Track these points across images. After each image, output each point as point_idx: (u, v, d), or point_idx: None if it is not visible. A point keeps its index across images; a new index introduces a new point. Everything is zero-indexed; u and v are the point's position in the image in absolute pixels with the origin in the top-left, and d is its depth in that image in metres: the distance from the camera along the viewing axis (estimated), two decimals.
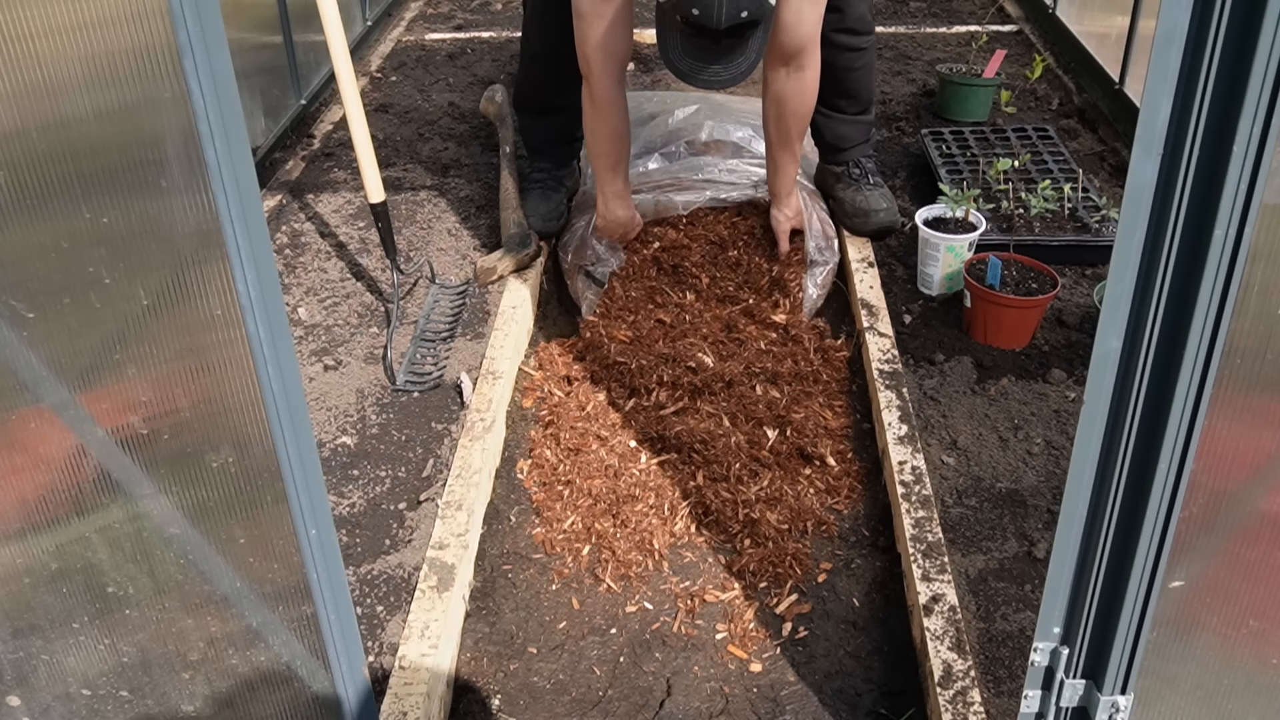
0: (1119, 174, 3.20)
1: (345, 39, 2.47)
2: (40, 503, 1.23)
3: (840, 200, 2.93)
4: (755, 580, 1.98)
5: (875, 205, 2.86)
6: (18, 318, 1.10)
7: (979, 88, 3.52)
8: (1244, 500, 1.16)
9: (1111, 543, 1.18)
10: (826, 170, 3.00)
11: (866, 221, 2.86)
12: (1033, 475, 2.13)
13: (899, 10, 4.66)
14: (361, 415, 2.33)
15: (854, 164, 2.92)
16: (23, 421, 1.17)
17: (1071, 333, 2.54)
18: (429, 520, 2.04)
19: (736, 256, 2.78)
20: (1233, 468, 1.12)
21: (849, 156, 2.93)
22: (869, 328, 2.54)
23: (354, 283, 2.79)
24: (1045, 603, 1.25)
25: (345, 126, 3.46)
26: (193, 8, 0.98)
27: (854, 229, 2.89)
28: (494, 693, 1.82)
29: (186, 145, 1.03)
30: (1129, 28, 3.37)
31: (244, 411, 1.20)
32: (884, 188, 2.94)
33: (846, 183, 2.93)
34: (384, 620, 1.85)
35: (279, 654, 1.42)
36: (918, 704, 1.77)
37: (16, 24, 0.97)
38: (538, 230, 2.88)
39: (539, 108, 2.98)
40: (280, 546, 1.31)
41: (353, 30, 4.21)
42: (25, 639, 1.32)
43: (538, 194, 2.97)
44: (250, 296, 1.13)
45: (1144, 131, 0.99)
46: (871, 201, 2.86)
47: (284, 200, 3.18)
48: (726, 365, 2.43)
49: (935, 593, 1.85)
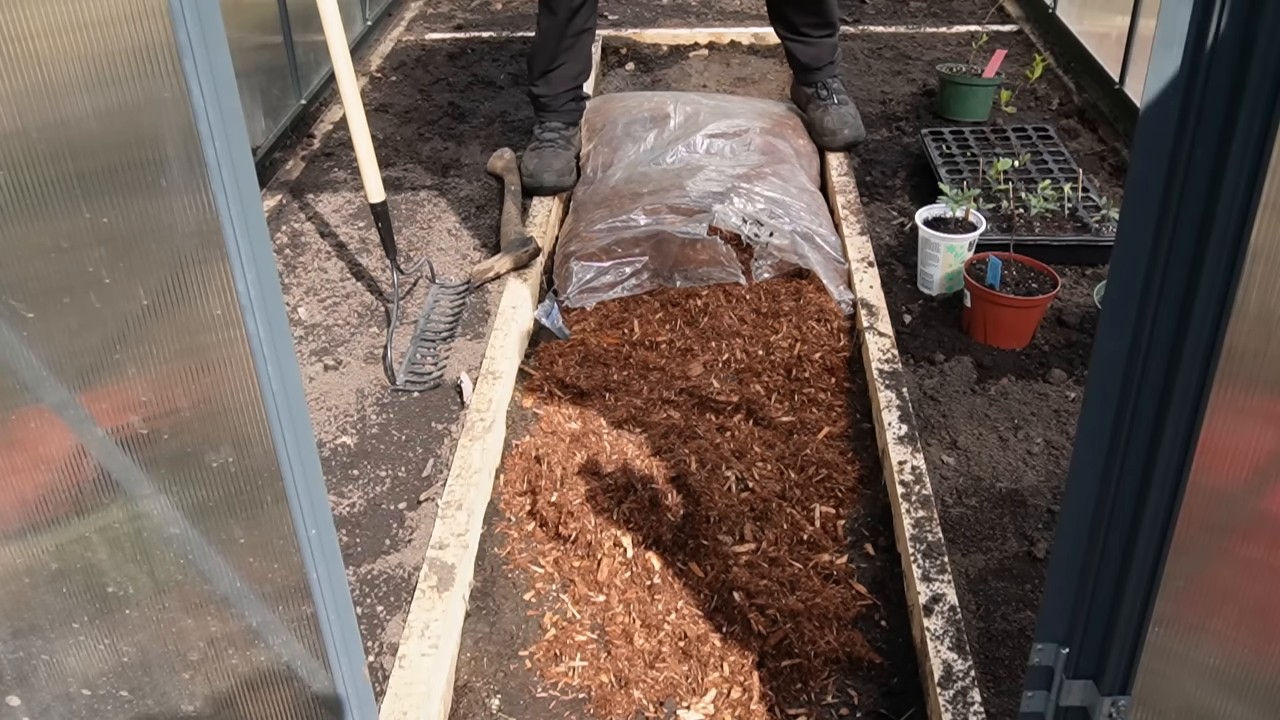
0: (1119, 174, 3.20)
1: (345, 39, 2.47)
2: (40, 503, 1.23)
3: (813, 121, 3.40)
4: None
5: (841, 123, 3.35)
6: (18, 318, 1.10)
7: (979, 88, 3.52)
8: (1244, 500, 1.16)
9: (1112, 542, 1.18)
10: (800, 90, 3.49)
11: (835, 138, 3.34)
12: (1033, 475, 2.13)
13: (899, 10, 4.66)
14: (361, 415, 2.33)
15: (822, 85, 3.38)
16: (23, 421, 1.17)
17: (1071, 333, 2.54)
18: (429, 520, 2.04)
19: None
20: (1233, 468, 1.12)
21: (819, 77, 3.38)
22: (869, 327, 2.54)
23: (354, 283, 2.79)
24: (1045, 602, 1.25)
25: (345, 126, 3.46)
26: (193, 8, 0.98)
27: (825, 145, 3.38)
28: (494, 692, 1.82)
29: (186, 145, 1.03)
30: (1129, 28, 3.37)
31: (244, 411, 1.20)
32: (850, 105, 3.41)
33: (817, 103, 3.39)
34: (384, 620, 1.85)
35: (279, 654, 1.42)
36: (918, 704, 1.77)
37: (16, 24, 0.97)
38: (551, 185, 3.16)
39: (549, 61, 3.17)
40: (280, 546, 1.31)
41: (353, 30, 4.21)
42: (25, 639, 1.32)
43: (549, 151, 3.21)
44: (250, 296, 1.13)
45: (1144, 130, 0.99)
46: (838, 119, 3.35)
47: (284, 200, 3.18)
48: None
49: (935, 593, 1.85)
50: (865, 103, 3.78)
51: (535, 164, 3.17)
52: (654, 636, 1.88)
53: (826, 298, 2.69)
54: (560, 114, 3.25)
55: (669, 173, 3.01)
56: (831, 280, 2.72)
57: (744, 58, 4.29)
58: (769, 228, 2.78)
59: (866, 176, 3.27)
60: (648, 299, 2.74)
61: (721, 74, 4.15)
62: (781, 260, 2.77)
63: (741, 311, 2.67)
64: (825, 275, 2.72)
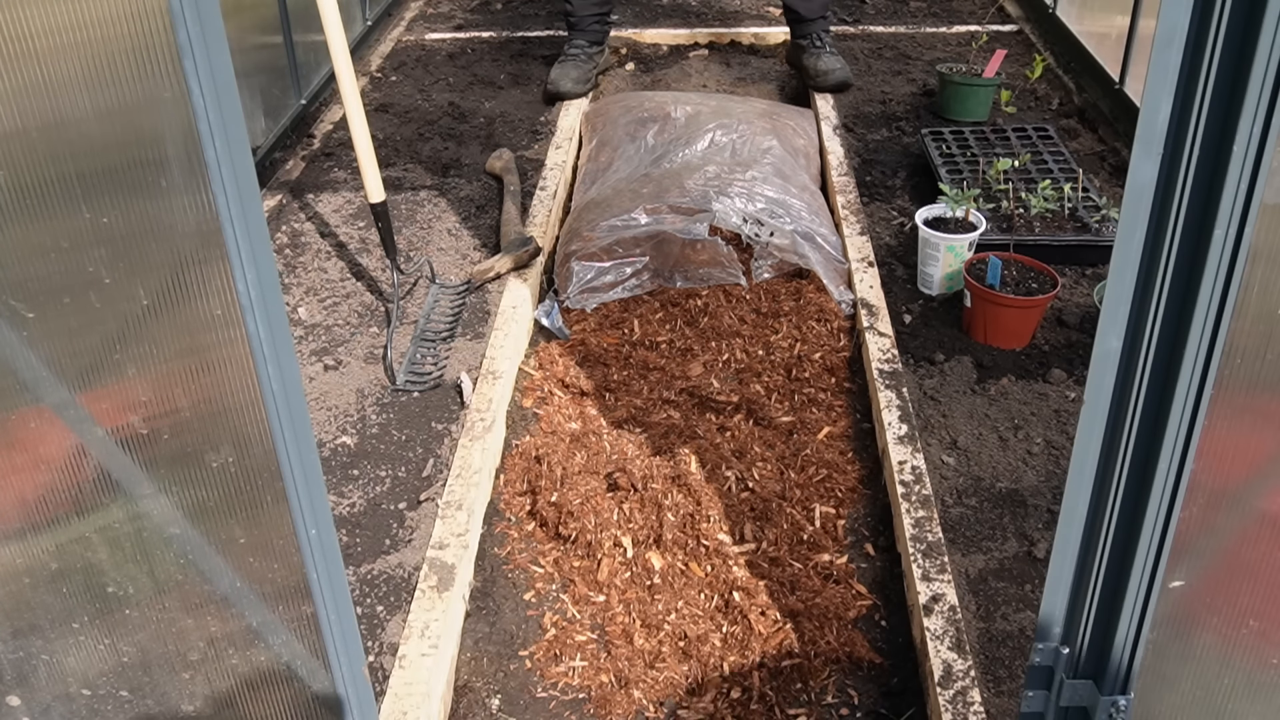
0: (1119, 174, 3.20)
1: (345, 39, 2.47)
2: (40, 503, 1.23)
3: (805, 67, 3.80)
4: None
5: (832, 66, 3.75)
6: (18, 318, 1.10)
7: (979, 88, 3.52)
8: (1244, 500, 1.16)
9: (1112, 542, 1.18)
10: (795, 46, 3.89)
11: (827, 79, 3.73)
12: (1033, 475, 2.13)
13: (899, 10, 4.66)
14: (361, 415, 2.33)
15: (816, 36, 3.80)
16: (23, 421, 1.17)
17: (1071, 333, 2.54)
18: (429, 520, 2.04)
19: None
20: (1233, 468, 1.12)
21: (813, 29, 3.79)
22: (869, 327, 2.54)
23: (354, 282, 2.79)
24: (1045, 603, 1.25)
25: (345, 126, 3.46)
26: (193, 8, 0.98)
27: (816, 87, 3.76)
28: (494, 692, 1.82)
29: (186, 145, 1.03)
30: (1129, 28, 3.37)
31: (244, 411, 1.20)
32: (839, 55, 3.81)
33: (811, 52, 3.80)
34: (384, 620, 1.85)
35: (279, 654, 1.41)
36: (918, 704, 1.77)
37: (16, 23, 0.97)
38: (567, 91, 3.66)
39: None
40: (280, 546, 1.31)
41: (353, 30, 4.21)
42: (25, 639, 1.32)
43: (571, 64, 3.74)
44: (250, 296, 1.12)
45: (1144, 131, 0.99)
46: (829, 64, 3.75)
47: (284, 200, 3.18)
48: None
49: (935, 593, 1.85)
50: (865, 103, 3.78)
51: (556, 73, 3.72)
52: (654, 636, 1.88)
53: (826, 298, 2.69)
54: (585, 32, 3.80)
55: (669, 173, 3.01)
56: (832, 280, 2.72)
57: (744, 58, 4.29)
58: (769, 227, 2.78)
59: (866, 176, 3.27)
60: (648, 299, 2.74)
61: (721, 74, 4.15)
62: (782, 260, 2.77)
63: (741, 311, 2.67)
64: (825, 275, 2.72)
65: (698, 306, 2.69)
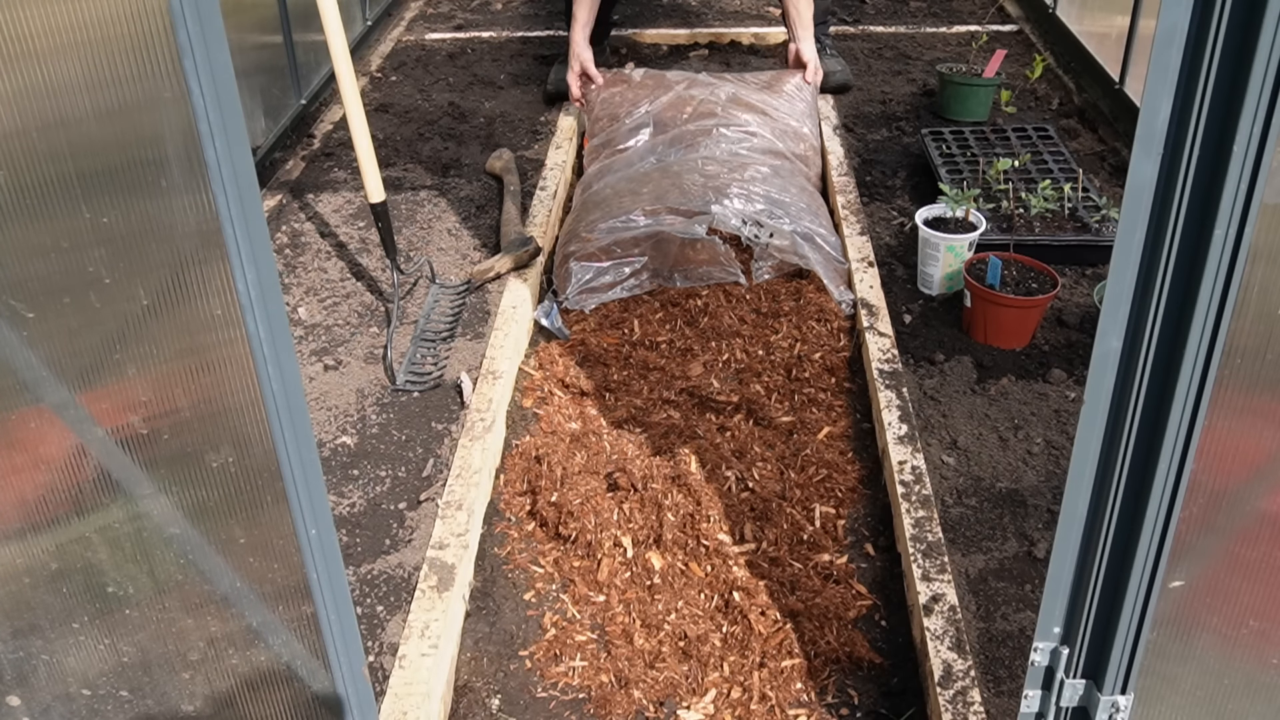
0: (1119, 174, 3.20)
1: (345, 39, 2.47)
2: (40, 503, 1.23)
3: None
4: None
5: (834, 68, 3.84)
6: (18, 318, 1.10)
7: (979, 88, 3.52)
8: (1244, 500, 1.16)
9: (1112, 542, 1.18)
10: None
11: (826, 81, 3.70)
12: (1033, 475, 2.13)
13: (899, 10, 4.66)
14: (361, 415, 2.33)
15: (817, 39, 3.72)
16: (23, 421, 1.17)
17: (1071, 333, 2.54)
18: (429, 520, 2.04)
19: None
20: (1233, 468, 1.12)
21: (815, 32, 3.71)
22: (869, 327, 2.54)
23: (354, 283, 2.79)
24: (1045, 603, 1.25)
25: (345, 126, 3.46)
26: (193, 8, 0.98)
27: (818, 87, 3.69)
28: (494, 692, 1.82)
29: (186, 145, 1.03)
30: (1129, 28, 3.37)
31: (244, 411, 1.20)
32: (839, 57, 3.96)
33: None
34: (384, 620, 1.85)
35: (279, 654, 1.41)
36: (918, 704, 1.77)
37: (16, 24, 0.97)
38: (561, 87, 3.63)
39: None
40: (280, 546, 1.31)
41: (353, 30, 4.21)
42: (25, 639, 1.32)
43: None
44: (250, 296, 1.12)
45: (1144, 131, 0.99)
46: (829, 65, 3.79)
47: (284, 200, 3.18)
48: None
49: (935, 592, 1.85)
50: (865, 103, 3.78)
51: (556, 73, 3.80)
52: (654, 636, 1.88)
53: (826, 298, 2.69)
54: None
55: (669, 173, 3.01)
56: (831, 280, 2.72)
57: (744, 58, 4.29)
58: (769, 228, 2.77)
59: (866, 176, 3.27)
60: (648, 299, 2.74)
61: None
62: (781, 260, 2.77)
63: (741, 311, 2.67)
64: (825, 275, 2.72)
65: (697, 306, 2.69)
